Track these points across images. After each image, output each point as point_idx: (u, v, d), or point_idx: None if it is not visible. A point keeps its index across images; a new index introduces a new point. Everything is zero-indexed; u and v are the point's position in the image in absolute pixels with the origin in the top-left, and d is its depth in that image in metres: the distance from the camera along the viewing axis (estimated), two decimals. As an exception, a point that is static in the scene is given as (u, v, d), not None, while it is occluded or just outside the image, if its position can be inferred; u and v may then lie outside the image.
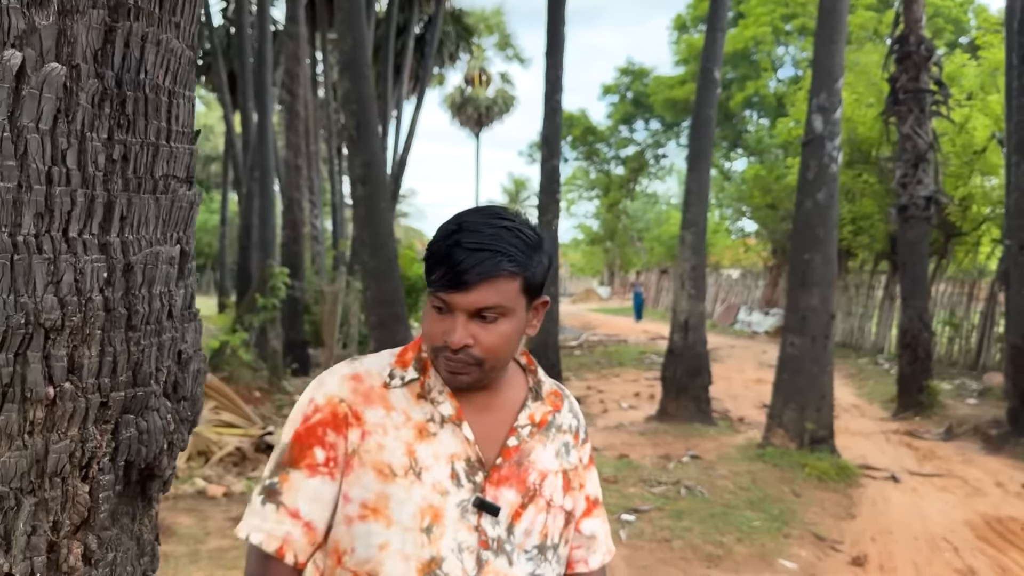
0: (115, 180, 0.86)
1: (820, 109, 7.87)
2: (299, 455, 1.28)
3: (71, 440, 0.84)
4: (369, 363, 1.38)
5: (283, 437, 1.31)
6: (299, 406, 1.32)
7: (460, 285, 1.25)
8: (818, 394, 7.99)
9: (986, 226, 17.58)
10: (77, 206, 0.83)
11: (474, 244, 1.25)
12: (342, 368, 1.36)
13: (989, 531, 6.14)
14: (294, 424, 1.30)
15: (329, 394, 1.31)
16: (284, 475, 1.27)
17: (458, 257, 1.24)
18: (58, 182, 0.81)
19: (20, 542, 0.83)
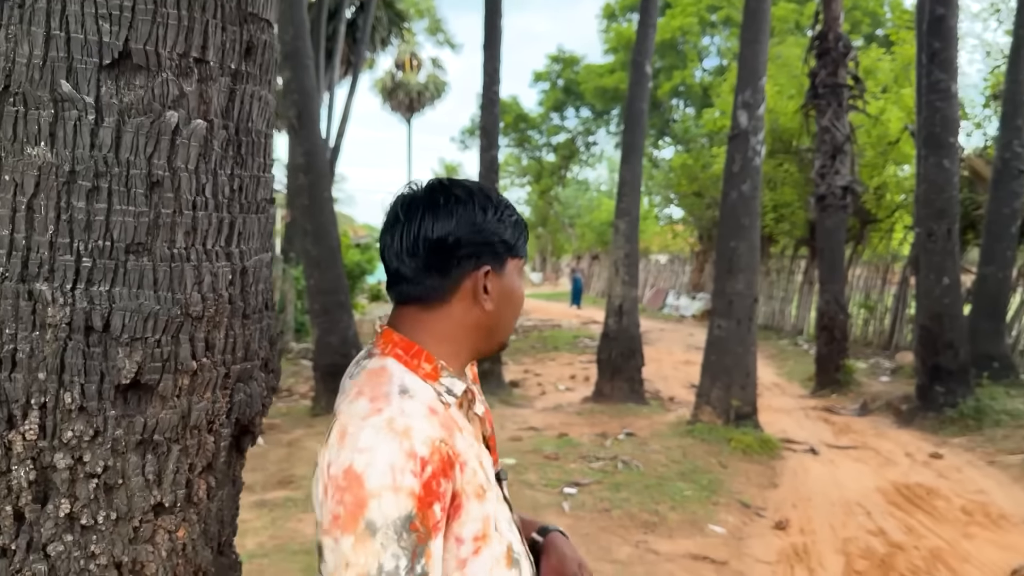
0: (235, 205, 1.13)
1: (745, 105, 8.34)
2: (427, 522, 1.10)
3: (207, 401, 1.11)
4: (414, 387, 1.23)
5: (391, 508, 1.08)
6: (395, 465, 1.10)
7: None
8: (743, 373, 8.51)
9: (899, 213, 18.54)
10: (212, 226, 1.10)
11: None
12: (409, 405, 1.18)
13: (898, 496, 6.71)
14: (402, 489, 1.09)
15: (430, 439, 1.13)
16: (427, 552, 1.10)
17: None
18: (200, 208, 1.08)
19: (168, 479, 1.10)
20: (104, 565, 1.05)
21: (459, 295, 1.28)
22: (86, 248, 1.00)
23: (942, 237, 9.57)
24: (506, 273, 1.31)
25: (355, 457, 1.10)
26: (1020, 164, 10.61)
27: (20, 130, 0.98)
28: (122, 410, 1.04)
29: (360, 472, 1.09)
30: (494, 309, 1.30)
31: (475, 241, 1.27)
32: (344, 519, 1.09)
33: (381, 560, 1.07)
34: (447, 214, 1.26)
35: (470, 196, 1.29)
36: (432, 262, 1.26)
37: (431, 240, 1.25)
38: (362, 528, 1.08)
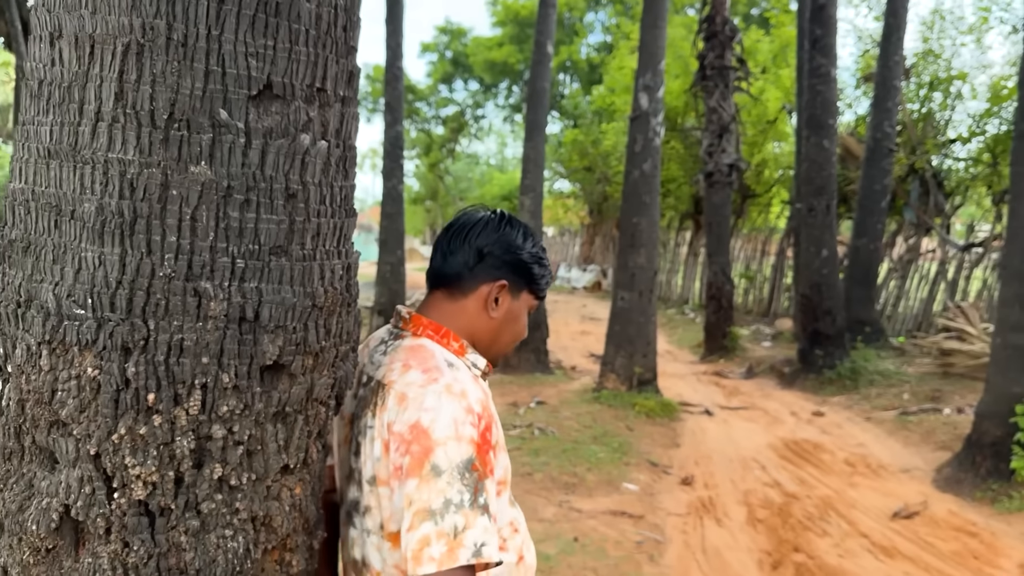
0: (342, 211, 1.32)
1: (645, 88, 8.74)
2: (484, 464, 1.30)
3: (326, 378, 1.31)
4: (456, 361, 1.47)
5: (455, 453, 1.28)
6: (458, 419, 1.30)
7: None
8: (644, 342, 9.00)
9: (776, 188, 19.64)
10: (330, 230, 1.28)
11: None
12: (460, 374, 1.40)
13: (788, 451, 7.34)
14: (463, 437, 1.29)
15: (480, 399, 1.36)
16: (486, 488, 1.28)
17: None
18: (323, 215, 1.27)
19: (294, 444, 1.29)
20: (244, 519, 1.25)
21: (475, 295, 1.52)
22: (239, 251, 1.18)
23: (821, 212, 10.32)
24: (519, 299, 1.55)
25: (421, 415, 1.31)
26: (890, 143, 11.53)
27: (184, 151, 1.14)
28: (263, 387, 1.23)
29: (427, 427, 1.29)
30: (497, 322, 1.53)
31: (505, 258, 1.52)
32: (408, 466, 1.28)
33: (448, 495, 1.24)
34: (495, 230, 1.53)
35: (521, 228, 1.57)
36: (466, 258, 1.52)
37: (473, 243, 1.52)
38: (427, 470, 1.26)
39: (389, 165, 10.91)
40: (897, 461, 7.04)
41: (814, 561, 4.82)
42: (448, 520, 1.23)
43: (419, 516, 1.24)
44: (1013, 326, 6.08)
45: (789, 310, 16.11)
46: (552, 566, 4.58)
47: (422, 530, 1.23)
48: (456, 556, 1.22)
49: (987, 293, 12.39)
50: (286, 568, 1.34)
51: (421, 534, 1.23)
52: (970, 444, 6.36)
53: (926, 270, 14.05)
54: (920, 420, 8.18)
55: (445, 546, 1.22)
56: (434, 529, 1.23)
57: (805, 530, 5.35)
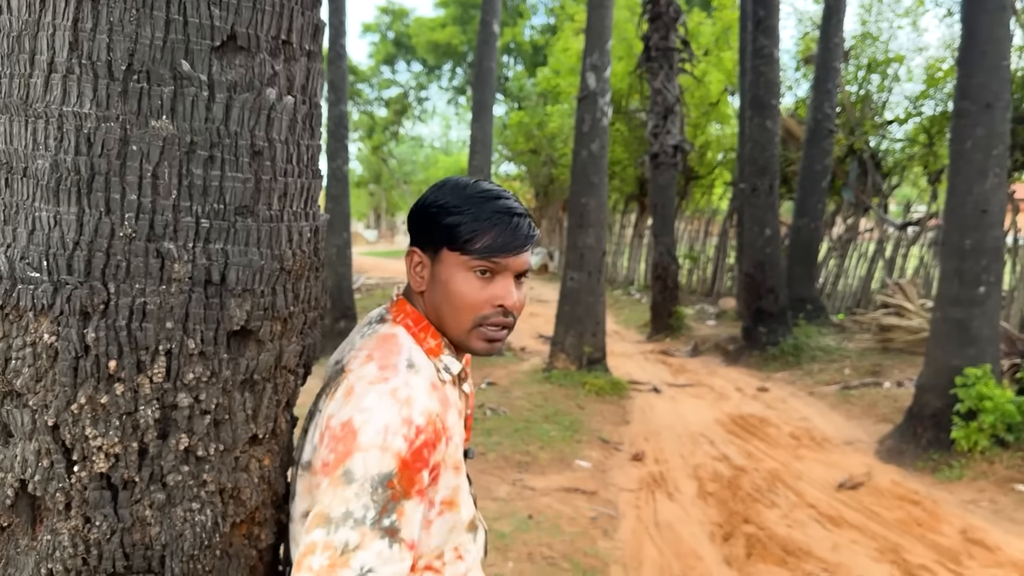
0: (309, 171, 1.27)
1: (593, 68, 8.75)
2: (409, 484, 1.18)
3: (295, 344, 1.26)
4: (420, 363, 1.32)
5: (373, 464, 1.16)
6: (390, 427, 1.18)
7: (521, 247, 1.33)
8: (594, 321, 9.05)
9: (719, 170, 19.91)
10: (297, 190, 1.23)
11: (521, 209, 1.35)
12: (415, 380, 1.27)
13: (735, 426, 7.47)
14: (389, 449, 1.17)
15: (428, 411, 1.22)
16: (400, 509, 1.16)
17: (516, 220, 1.32)
18: (289, 175, 1.21)
19: (263, 413, 1.24)
20: (212, 491, 1.20)
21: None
22: (203, 210, 1.12)
23: (764, 192, 10.49)
24: (441, 262, 1.34)
25: (355, 415, 1.20)
26: (830, 124, 11.76)
27: (144, 105, 1.08)
28: (230, 354, 1.18)
29: (357, 428, 1.18)
30: (430, 296, 1.36)
31: (413, 223, 1.39)
32: (330, 465, 1.19)
33: (351, 507, 1.13)
34: (428, 192, 1.39)
35: (454, 184, 1.36)
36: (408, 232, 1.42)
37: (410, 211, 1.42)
38: (339, 474, 1.16)
39: (333, 145, 10.74)
40: (840, 434, 7.22)
41: (764, 532, 4.91)
42: (341, 534, 1.13)
43: (316, 520, 1.15)
44: (952, 300, 6.27)
45: (732, 289, 16.38)
46: (507, 544, 4.59)
47: (313, 535, 1.14)
48: (335, 575, 1.11)
49: (924, 271, 12.76)
50: (255, 542, 1.30)
51: (311, 539, 1.14)
52: (911, 416, 6.55)
53: (864, 249, 14.40)
54: (861, 394, 8.40)
55: (327, 560, 1.12)
56: (323, 539, 1.13)
57: (754, 502, 5.45)
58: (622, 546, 4.71)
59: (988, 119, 6.06)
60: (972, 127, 6.14)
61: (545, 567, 4.34)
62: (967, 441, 5.94)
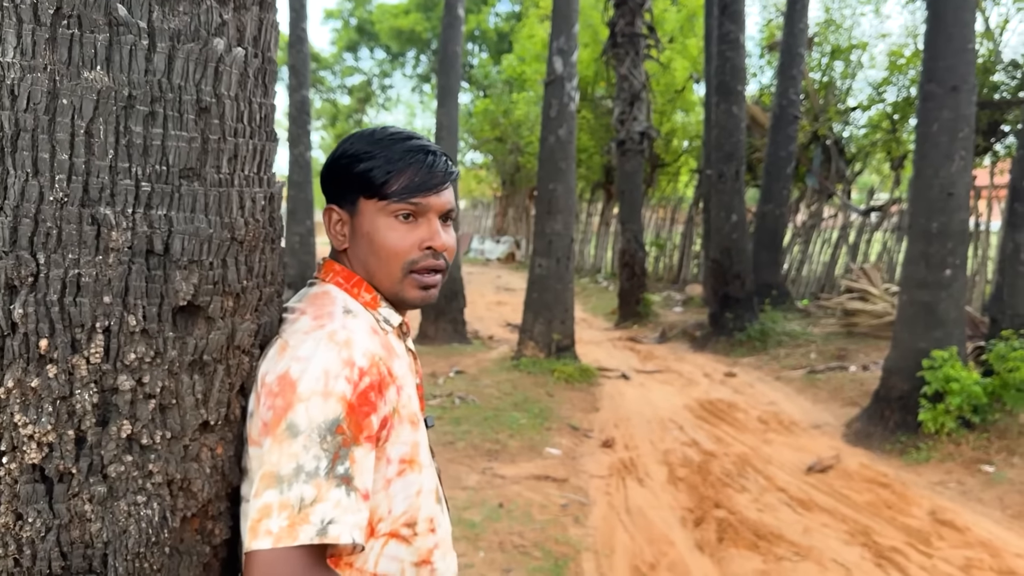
0: (262, 132, 1.16)
1: (560, 52, 8.65)
2: (357, 429, 1.10)
3: (248, 322, 1.16)
4: (357, 309, 1.26)
5: (318, 412, 1.09)
6: (330, 371, 1.11)
7: (440, 184, 1.27)
8: (562, 308, 8.99)
9: (684, 157, 19.95)
10: (249, 152, 1.12)
11: (435, 147, 1.29)
12: (352, 322, 1.20)
13: (704, 411, 7.45)
14: (332, 394, 1.09)
15: (370, 352, 1.15)
16: (351, 456, 1.09)
17: (431, 158, 1.26)
18: (240, 135, 1.10)
19: (214, 398, 1.13)
20: (159, 483, 1.09)
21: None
22: (144, 173, 1.01)
23: (731, 178, 10.49)
24: (360, 213, 1.27)
25: (291, 365, 1.13)
26: (795, 111, 11.79)
27: (75, 54, 0.97)
28: (177, 332, 1.07)
29: (295, 378, 1.11)
30: (355, 251, 1.29)
31: (326, 180, 1.31)
32: (269, 423, 1.11)
33: (300, 461, 1.06)
34: (337, 146, 1.32)
35: (362, 133, 1.30)
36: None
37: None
38: (283, 429, 1.08)
39: (295, 131, 10.52)
40: (808, 418, 7.24)
41: (735, 516, 4.89)
42: (295, 490, 1.05)
43: (265, 481, 1.07)
44: (919, 283, 6.29)
45: (698, 276, 16.44)
46: (478, 533, 4.51)
47: (265, 498, 1.06)
48: (296, 533, 1.03)
49: (887, 256, 12.89)
50: (208, 538, 1.19)
51: (263, 502, 1.05)
52: (878, 399, 6.58)
53: (828, 235, 14.51)
54: (828, 378, 8.44)
55: (286, 520, 1.04)
56: (278, 499, 1.05)
57: (724, 486, 5.43)
58: (593, 533, 4.66)
59: (954, 102, 6.08)
60: (938, 110, 6.15)
61: (516, 556, 4.27)
62: (934, 423, 5.97)
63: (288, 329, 1.22)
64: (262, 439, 1.14)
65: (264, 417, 1.14)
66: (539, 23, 22.01)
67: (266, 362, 1.19)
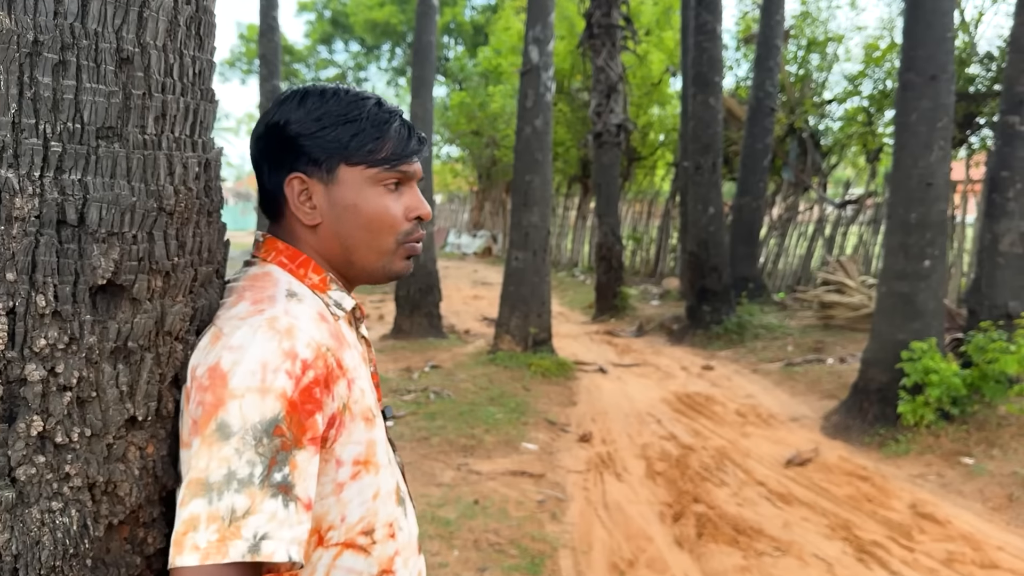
0: (196, 90, 1.03)
1: (536, 41, 8.53)
2: (300, 430, 0.98)
3: (180, 305, 1.02)
4: (303, 293, 1.12)
5: (253, 410, 0.95)
6: (268, 364, 0.98)
7: (420, 150, 1.19)
8: (539, 301, 8.88)
9: (660, 151, 19.90)
10: (180, 111, 0.99)
11: (401, 111, 1.21)
12: (296, 308, 1.07)
13: (681, 405, 7.38)
14: (271, 390, 0.96)
15: (315, 342, 1.02)
16: (292, 461, 0.96)
17: (402, 121, 1.18)
18: (168, 91, 0.97)
19: (142, 390, 1.00)
20: (78, 487, 0.96)
21: (287, 210, 1.17)
22: (54, 131, 0.88)
23: (708, 170, 10.43)
24: (337, 182, 1.14)
25: (223, 355, 0.99)
26: (772, 103, 11.75)
27: (-32, -10, 0.84)
28: (96, 315, 0.94)
29: (226, 370, 0.98)
30: (328, 227, 1.16)
31: (281, 146, 1.15)
32: (199, 422, 0.98)
33: (232, 466, 0.93)
34: (282, 107, 1.17)
35: (321, 91, 1.17)
36: (259, 164, 1.19)
37: (256, 135, 1.18)
38: (212, 429, 0.95)
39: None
40: (786, 410, 7.19)
41: (714, 511, 4.80)
42: (226, 499, 0.92)
43: (192, 489, 0.94)
44: (898, 275, 6.24)
45: (675, 270, 16.40)
46: (453, 531, 4.39)
47: (192, 507, 0.93)
48: (226, 549, 0.91)
49: (863, 249, 12.90)
50: (139, 547, 1.06)
51: (190, 512, 0.93)
52: (856, 391, 6.53)
53: (804, 228, 14.52)
54: (805, 371, 8.40)
55: (215, 533, 0.91)
56: (206, 509, 0.92)
57: (703, 481, 5.35)
58: (571, 529, 4.56)
59: (933, 91, 6.03)
60: (917, 99, 6.10)
61: (492, 553, 4.16)
62: (913, 415, 5.93)
63: (223, 315, 1.08)
64: (191, 439, 1.00)
65: (193, 415, 1.01)
66: (515, 15, 21.86)
67: (197, 352, 1.05)
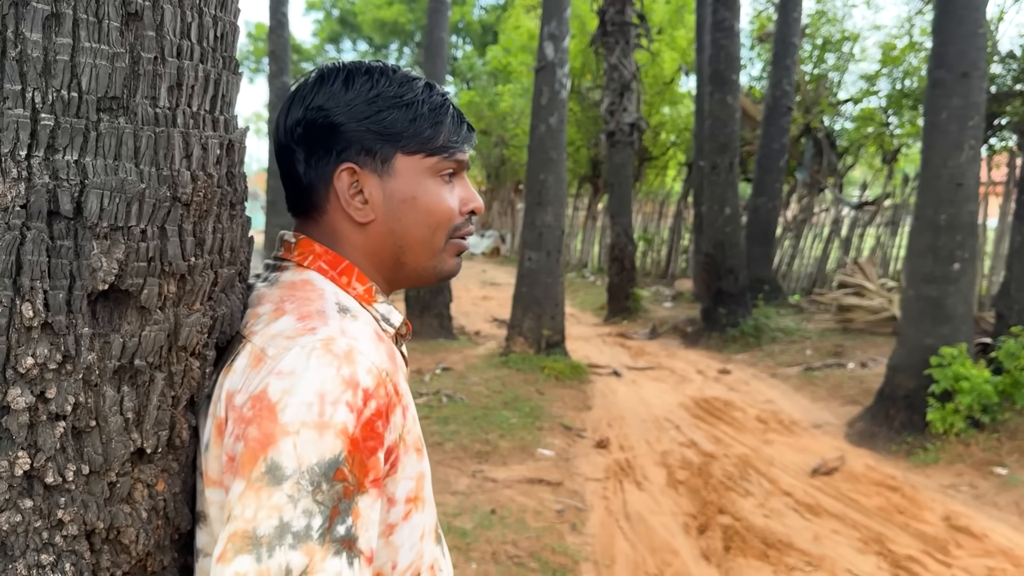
0: (218, 57, 0.86)
1: (551, 37, 8.35)
2: (362, 471, 0.83)
3: (197, 314, 0.85)
4: (355, 307, 0.98)
5: (310, 449, 0.80)
6: (327, 394, 0.82)
7: (471, 138, 1.07)
8: (552, 303, 8.70)
9: (672, 151, 19.70)
10: (199, 81, 0.82)
11: (449, 93, 1.08)
12: (353, 327, 0.92)
13: (700, 410, 7.19)
14: (330, 426, 0.81)
15: (377, 368, 0.87)
16: (355, 510, 0.82)
17: (457, 108, 1.06)
18: (185, 56, 0.80)
19: (152, 416, 0.83)
20: (73, 535, 0.79)
21: (331, 205, 1.01)
22: (45, 100, 0.71)
23: (724, 169, 10.23)
24: (394, 173, 1.00)
25: (270, 381, 0.83)
26: (789, 101, 11.55)
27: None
28: (95, 327, 0.77)
29: (275, 400, 0.81)
30: (382, 224, 1.01)
31: (330, 131, 0.99)
32: (241, 459, 0.81)
33: (286, 517, 0.77)
34: (323, 89, 1.00)
35: (368, 70, 1.02)
36: (292, 154, 1.02)
37: (291, 121, 1.02)
38: (260, 471, 0.79)
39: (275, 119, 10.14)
40: (808, 417, 7.00)
41: (741, 523, 4.62)
42: (279, 557, 0.76)
43: (236, 543, 0.78)
44: (926, 278, 6.05)
45: (687, 271, 16.21)
46: (469, 542, 4.22)
47: (236, 565, 0.77)
48: None
49: (880, 250, 12.68)
50: (147, 601, 0.89)
51: (234, 572, 0.76)
52: (882, 397, 6.34)
53: (820, 229, 14.30)
54: (826, 375, 8.21)
55: None
56: (254, 568, 0.76)
57: (727, 490, 5.17)
58: (592, 541, 4.38)
59: (964, 89, 5.83)
60: (947, 97, 5.90)
61: (511, 567, 3.99)
62: (942, 423, 5.74)
63: (263, 331, 0.90)
64: (230, 481, 0.83)
65: (231, 451, 0.84)
66: (525, 14, 21.68)
67: (234, 376, 0.88)
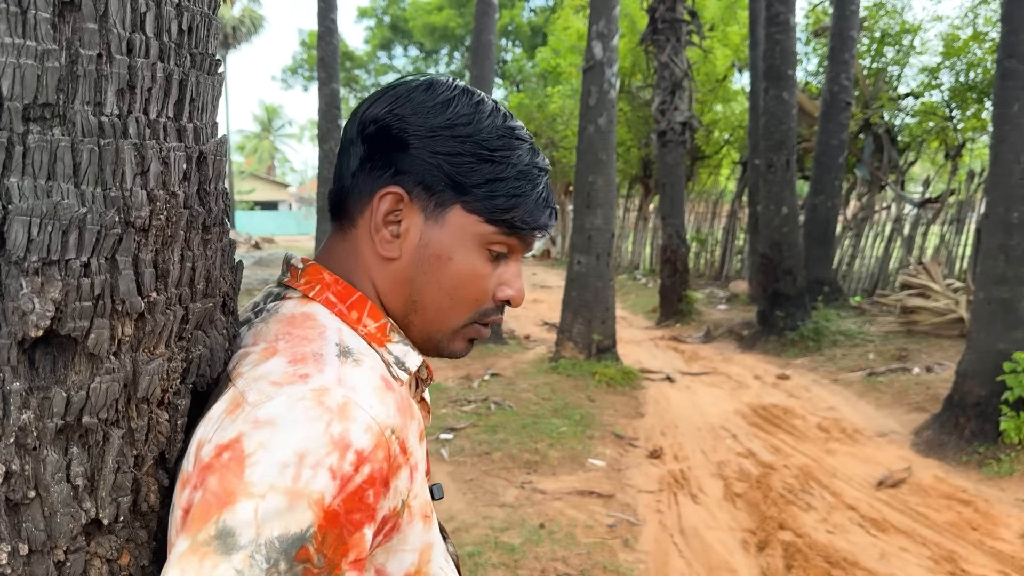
0: (183, 54, 0.73)
1: (599, 36, 8.16)
2: (338, 551, 0.69)
3: (160, 359, 0.72)
4: (360, 349, 0.82)
5: (272, 519, 0.66)
6: (307, 454, 0.68)
7: (550, 225, 0.92)
8: (603, 307, 8.51)
9: (726, 149, 19.31)
10: (157, 83, 0.69)
11: (548, 168, 0.94)
12: (354, 375, 0.77)
13: (757, 418, 6.94)
14: (307, 495, 0.67)
15: (379, 425, 0.73)
16: None
17: (548, 188, 0.92)
18: (139, 53, 0.67)
19: (108, 481, 0.70)
20: (12, 626, 0.66)
21: (363, 219, 0.88)
22: (-46, 109, 0.59)
23: (781, 168, 9.91)
24: (445, 224, 0.85)
25: (245, 431, 0.69)
26: (847, 97, 11.17)
27: None
28: (32, 380, 0.64)
29: (248, 452, 0.68)
30: (404, 266, 0.87)
31: (401, 144, 0.85)
32: (194, 516, 0.68)
33: None
34: (418, 99, 0.86)
35: (477, 103, 0.87)
36: (348, 153, 0.89)
37: (369, 117, 0.87)
38: (210, 535, 0.65)
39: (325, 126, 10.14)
40: (872, 425, 6.69)
41: (803, 539, 4.39)
42: None
43: None
44: (997, 279, 5.72)
45: (742, 272, 15.84)
46: (518, 559, 4.07)
47: None
48: None
49: (945, 250, 12.20)
50: None
51: None
52: (951, 405, 6.02)
53: (881, 228, 13.83)
54: (890, 381, 7.87)
55: None
56: None
57: (788, 504, 4.93)
58: (645, 559, 4.20)
59: (1039, 79, 5.50)
60: (1020, 88, 5.57)
61: (560, 587, 3.83)
62: (1017, 432, 5.41)
63: (248, 373, 0.77)
64: (176, 537, 0.69)
65: (184, 503, 0.70)
66: (574, 14, 21.49)
67: (207, 423, 0.74)
